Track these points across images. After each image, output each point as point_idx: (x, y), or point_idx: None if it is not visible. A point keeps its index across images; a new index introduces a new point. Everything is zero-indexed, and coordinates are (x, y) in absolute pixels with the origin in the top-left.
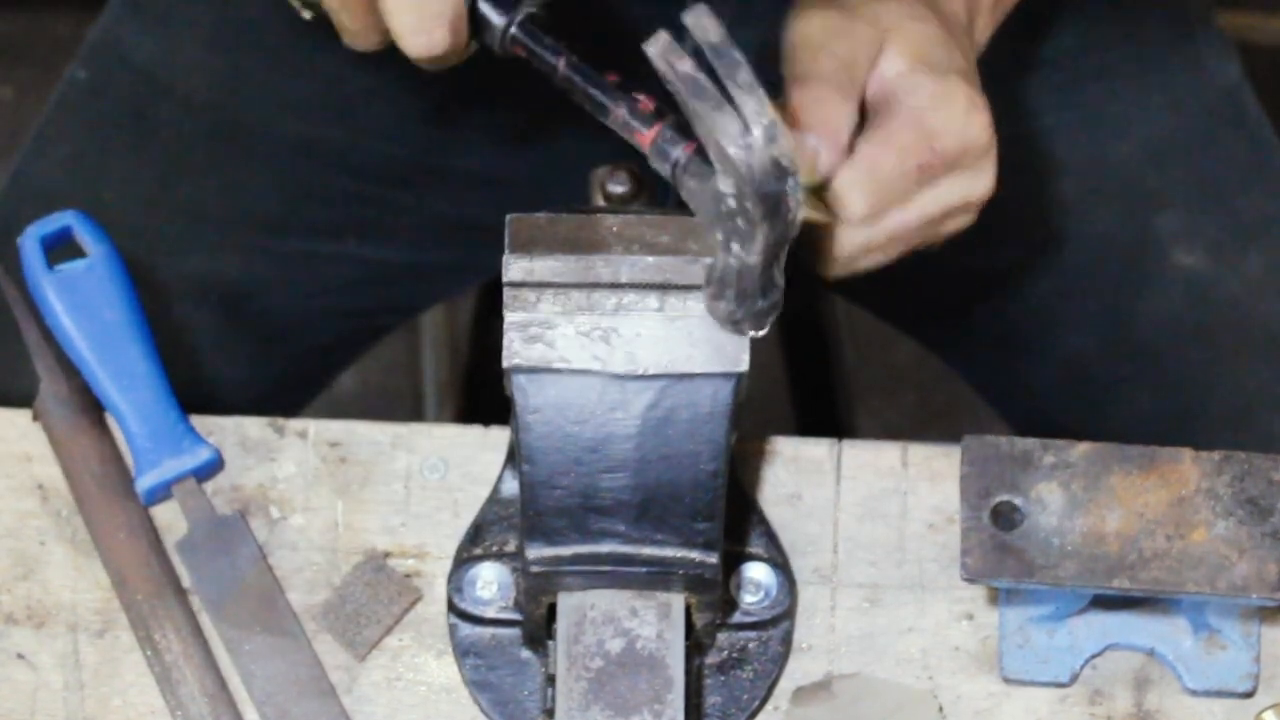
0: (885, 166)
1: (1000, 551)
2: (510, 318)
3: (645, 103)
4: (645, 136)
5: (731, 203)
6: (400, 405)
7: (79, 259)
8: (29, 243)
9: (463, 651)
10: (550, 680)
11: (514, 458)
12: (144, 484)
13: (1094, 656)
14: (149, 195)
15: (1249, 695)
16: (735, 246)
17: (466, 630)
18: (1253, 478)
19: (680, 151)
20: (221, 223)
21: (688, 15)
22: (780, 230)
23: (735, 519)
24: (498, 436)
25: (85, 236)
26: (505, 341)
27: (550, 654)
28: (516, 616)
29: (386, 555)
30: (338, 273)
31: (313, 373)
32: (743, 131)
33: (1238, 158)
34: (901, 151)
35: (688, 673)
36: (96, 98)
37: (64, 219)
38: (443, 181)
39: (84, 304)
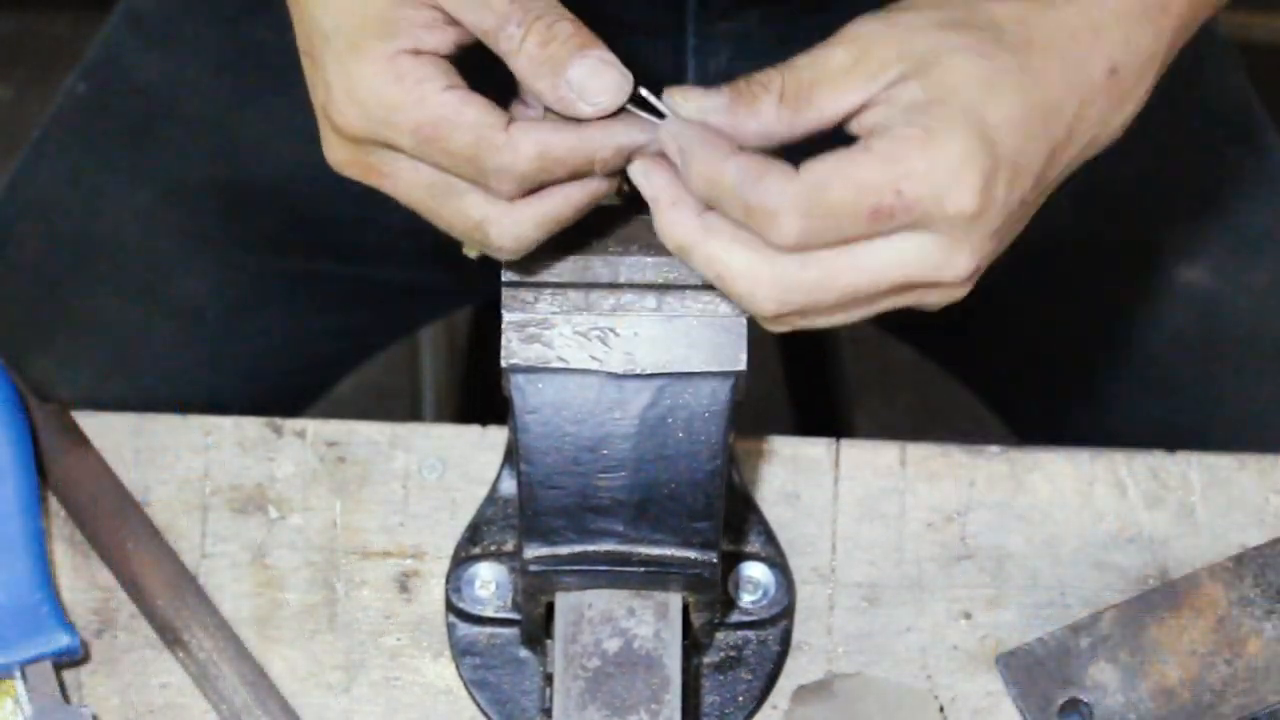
0: (833, 195)
1: None
2: (508, 317)
3: None
4: None
5: None
6: (398, 404)
7: None
8: None
9: (461, 651)
10: (548, 680)
11: (512, 457)
12: None
13: None
14: (149, 215)
15: None
16: None
17: (464, 630)
18: (1273, 568)
19: None
20: (220, 243)
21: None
22: None
23: (733, 518)
24: (496, 436)
25: None
26: (503, 341)
27: (548, 653)
28: (514, 616)
29: (384, 555)
30: (337, 291)
31: (309, 388)
32: None
33: (1242, 171)
34: (859, 184)
35: (685, 672)
36: (97, 114)
37: None
38: None
39: None
